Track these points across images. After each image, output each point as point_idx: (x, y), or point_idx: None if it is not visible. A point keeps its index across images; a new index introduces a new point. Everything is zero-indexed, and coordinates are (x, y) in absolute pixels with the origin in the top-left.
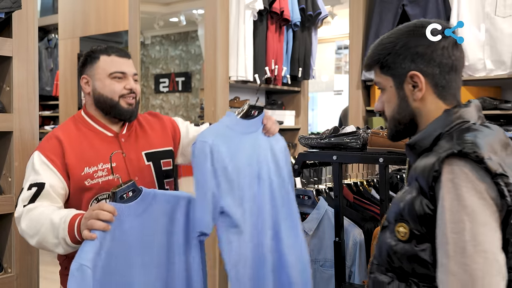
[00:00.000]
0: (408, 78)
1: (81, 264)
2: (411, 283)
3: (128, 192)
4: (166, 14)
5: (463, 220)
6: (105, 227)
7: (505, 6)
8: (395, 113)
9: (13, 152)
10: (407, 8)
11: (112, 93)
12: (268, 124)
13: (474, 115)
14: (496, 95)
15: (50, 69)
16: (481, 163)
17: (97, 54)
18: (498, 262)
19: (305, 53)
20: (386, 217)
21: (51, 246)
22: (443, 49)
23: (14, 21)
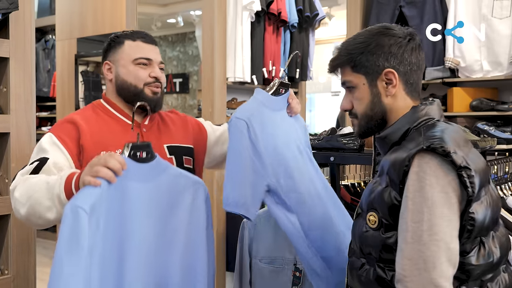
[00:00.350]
0: (383, 75)
1: (77, 205)
2: (378, 267)
3: (142, 152)
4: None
5: (422, 211)
6: (111, 177)
7: (502, 7)
8: (368, 109)
9: (10, 153)
10: (404, 10)
11: (137, 80)
12: (293, 103)
13: (438, 113)
14: (493, 96)
15: (47, 70)
16: (447, 156)
17: (122, 39)
18: (450, 250)
19: (303, 54)
20: (360, 205)
21: (43, 211)
22: (412, 50)
23: (11, 22)
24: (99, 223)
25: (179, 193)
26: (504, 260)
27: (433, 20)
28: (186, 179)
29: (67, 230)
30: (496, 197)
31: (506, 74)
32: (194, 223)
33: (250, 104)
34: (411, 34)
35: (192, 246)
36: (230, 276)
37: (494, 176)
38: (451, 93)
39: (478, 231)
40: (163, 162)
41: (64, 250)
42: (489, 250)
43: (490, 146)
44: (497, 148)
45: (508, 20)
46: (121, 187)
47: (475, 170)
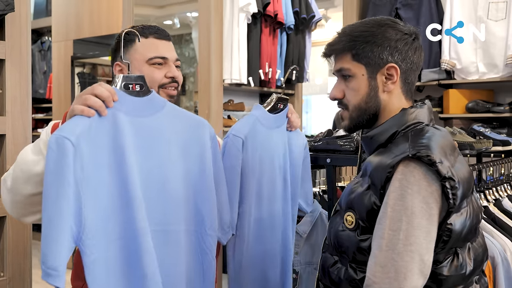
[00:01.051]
0: (385, 69)
1: (62, 136)
2: (350, 267)
3: (135, 85)
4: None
5: (401, 220)
6: (100, 106)
7: (498, 9)
8: (363, 102)
9: (5, 155)
10: (400, 12)
11: (152, 82)
12: (292, 118)
13: (427, 116)
14: (489, 98)
15: (44, 71)
16: (432, 166)
17: (133, 36)
18: (423, 262)
19: (299, 56)
20: (339, 202)
21: (30, 167)
22: (416, 49)
23: (7, 24)
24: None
25: (180, 132)
26: (478, 271)
27: (429, 22)
28: (188, 117)
29: (52, 163)
30: (477, 207)
31: (502, 76)
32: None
33: (247, 121)
34: (416, 33)
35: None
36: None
37: (489, 178)
38: (447, 95)
39: (454, 242)
40: (160, 99)
41: (50, 185)
42: (462, 262)
43: (486, 148)
44: (493, 150)
45: (504, 22)
46: (113, 120)
47: (459, 181)
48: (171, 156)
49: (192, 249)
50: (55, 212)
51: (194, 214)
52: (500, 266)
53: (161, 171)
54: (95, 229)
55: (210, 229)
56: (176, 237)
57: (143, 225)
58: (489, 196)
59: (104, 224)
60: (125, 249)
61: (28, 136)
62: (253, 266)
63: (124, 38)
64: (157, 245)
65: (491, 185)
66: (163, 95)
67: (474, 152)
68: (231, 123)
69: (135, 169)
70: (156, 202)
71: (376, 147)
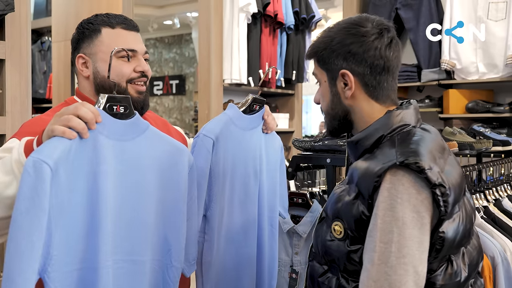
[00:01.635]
0: (340, 76)
1: (41, 160)
2: (342, 277)
3: (119, 106)
4: (160, 17)
5: (392, 231)
6: (83, 128)
7: (497, 10)
8: (329, 108)
9: None
10: (400, 12)
11: (120, 76)
12: (268, 120)
13: (414, 118)
14: (489, 98)
15: (43, 72)
16: (422, 173)
17: (98, 26)
18: (417, 274)
19: (299, 56)
20: (324, 208)
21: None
22: (376, 49)
23: (7, 24)
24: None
25: (158, 158)
26: (473, 275)
27: (429, 22)
28: (168, 144)
29: (27, 189)
30: (470, 210)
31: (502, 76)
32: (174, 191)
33: (219, 120)
34: (380, 32)
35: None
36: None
37: (489, 178)
38: (447, 95)
39: (448, 249)
40: (143, 121)
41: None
42: (457, 269)
43: (486, 148)
44: (493, 150)
45: (504, 22)
46: (93, 143)
47: (450, 187)
48: (146, 183)
49: (156, 281)
50: (27, 244)
51: (162, 244)
52: (500, 266)
53: (135, 198)
54: (61, 260)
55: (176, 260)
56: (141, 268)
57: (104, 258)
58: (489, 196)
59: (68, 253)
60: (82, 281)
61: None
62: (223, 269)
63: (87, 28)
64: (120, 276)
65: (491, 185)
66: (132, 90)
67: (474, 152)
68: None
69: (109, 196)
70: (126, 230)
71: (362, 152)
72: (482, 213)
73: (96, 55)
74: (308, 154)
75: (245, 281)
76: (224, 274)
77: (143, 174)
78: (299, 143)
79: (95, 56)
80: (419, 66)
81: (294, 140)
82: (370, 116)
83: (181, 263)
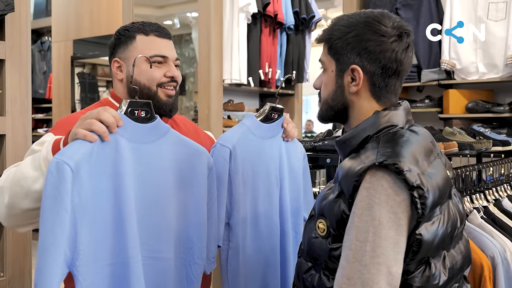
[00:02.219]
0: (349, 70)
1: (62, 161)
2: (323, 274)
3: (141, 111)
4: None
5: (368, 231)
6: (104, 132)
7: (497, 10)
8: (329, 98)
9: (5, 155)
10: (400, 12)
11: (151, 81)
12: (288, 128)
13: (403, 119)
14: (489, 98)
15: (43, 72)
16: (400, 174)
17: (133, 33)
18: (391, 274)
19: (299, 56)
20: (313, 207)
21: (30, 183)
22: (392, 52)
23: (7, 24)
24: (87, 181)
25: (179, 160)
26: (456, 279)
27: (429, 22)
28: (188, 145)
29: (51, 188)
30: (454, 213)
31: (502, 76)
32: (194, 191)
33: (236, 130)
34: (400, 34)
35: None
36: None
37: (489, 178)
38: (447, 95)
39: (425, 252)
40: (164, 125)
41: (47, 210)
42: (435, 272)
43: (486, 148)
44: (493, 150)
45: (504, 22)
46: (115, 146)
47: (429, 189)
48: (168, 184)
49: (180, 277)
50: (51, 239)
51: (184, 242)
52: (500, 266)
53: (157, 198)
54: (89, 255)
55: (199, 258)
56: (166, 265)
57: (134, 253)
58: (489, 196)
59: (97, 249)
60: (114, 276)
61: (28, 136)
62: (249, 276)
63: (123, 34)
64: (147, 272)
65: (491, 185)
66: (162, 94)
67: (474, 152)
68: (231, 123)
69: (132, 196)
70: (150, 229)
71: (349, 152)
72: (482, 213)
73: (129, 60)
74: (308, 154)
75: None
76: (250, 280)
77: (163, 175)
78: None
79: (128, 61)
80: (419, 66)
81: None
82: (366, 115)
83: (203, 261)
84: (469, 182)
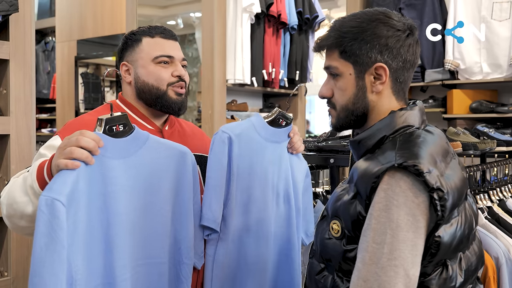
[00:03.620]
0: (373, 69)
1: (52, 198)
2: (337, 276)
3: (118, 125)
4: (163, 17)
5: (385, 233)
6: (87, 157)
7: (501, 9)
8: (350, 103)
9: (9, 155)
10: (404, 12)
11: (159, 81)
12: (294, 139)
13: (418, 119)
14: (493, 98)
15: (47, 72)
16: (420, 176)
17: (139, 36)
18: (408, 277)
19: (302, 56)
20: (326, 207)
21: (22, 208)
22: (410, 46)
23: (11, 24)
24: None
25: (163, 164)
26: (470, 281)
27: (432, 23)
28: (169, 148)
29: (44, 226)
30: (471, 214)
31: (506, 76)
32: (181, 192)
33: (242, 124)
34: (410, 28)
35: (179, 215)
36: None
37: (493, 178)
38: (450, 95)
39: (443, 254)
40: (142, 133)
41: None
42: (452, 274)
43: (490, 148)
44: (497, 150)
45: (508, 22)
46: (99, 167)
47: (449, 191)
48: (154, 189)
49: (170, 279)
50: (51, 277)
51: (173, 244)
52: (504, 267)
53: (145, 206)
54: (82, 279)
55: (187, 257)
56: (157, 269)
57: (121, 272)
58: (493, 196)
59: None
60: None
61: (32, 136)
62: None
63: (130, 38)
64: (139, 279)
65: (495, 186)
66: (171, 93)
67: (478, 153)
68: None
69: (121, 211)
70: (141, 237)
71: (364, 152)
72: (486, 214)
73: (136, 62)
74: (311, 154)
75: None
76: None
77: (151, 183)
78: None
79: (136, 63)
80: (423, 66)
81: None
82: (384, 115)
83: (191, 260)
84: (473, 183)
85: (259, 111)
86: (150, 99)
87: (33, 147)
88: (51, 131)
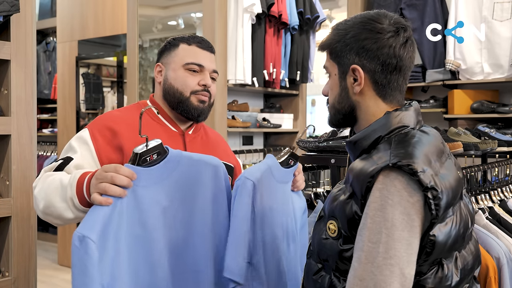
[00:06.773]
0: (350, 70)
1: (83, 235)
2: (334, 276)
3: (152, 155)
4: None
5: (381, 232)
6: (121, 193)
7: (503, 10)
8: (336, 102)
9: (10, 155)
10: (405, 12)
11: (184, 86)
12: (298, 177)
13: (414, 119)
14: (494, 98)
15: (48, 72)
16: (414, 175)
17: (177, 42)
18: (404, 276)
19: (303, 56)
20: (323, 208)
21: (60, 211)
22: (390, 47)
23: (12, 24)
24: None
25: (197, 181)
26: (467, 280)
27: (433, 22)
28: (202, 164)
29: (78, 261)
30: (466, 214)
31: (507, 76)
32: (218, 206)
33: (261, 168)
34: (397, 30)
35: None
36: None
37: (494, 179)
38: (451, 95)
39: (438, 253)
40: (175, 155)
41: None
42: (447, 273)
43: (491, 149)
44: (498, 150)
45: (509, 22)
46: (134, 197)
47: (443, 190)
48: (190, 207)
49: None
50: None
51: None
52: (506, 267)
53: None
54: None
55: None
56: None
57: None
58: (494, 197)
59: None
60: None
61: (33, 136)
62: None
63: (169, 43)
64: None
65: (496, 186)
66: (194, 99)
67: (479, 153)
68: (235, 123)
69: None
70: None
71: (360, 152)
72: (487, 214)
73: (169, 65)
74: (312, 155)
75: None
76: None
77: (188, 201)
78: (303, 144)
79: (168, 65)
80: (424, 66)
81: (299, 141)
82: (374, 115)
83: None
84: (474, 183)
85: (260, 111)
86: (173, 102)
87: (34, 148)
88: (52, 131)
